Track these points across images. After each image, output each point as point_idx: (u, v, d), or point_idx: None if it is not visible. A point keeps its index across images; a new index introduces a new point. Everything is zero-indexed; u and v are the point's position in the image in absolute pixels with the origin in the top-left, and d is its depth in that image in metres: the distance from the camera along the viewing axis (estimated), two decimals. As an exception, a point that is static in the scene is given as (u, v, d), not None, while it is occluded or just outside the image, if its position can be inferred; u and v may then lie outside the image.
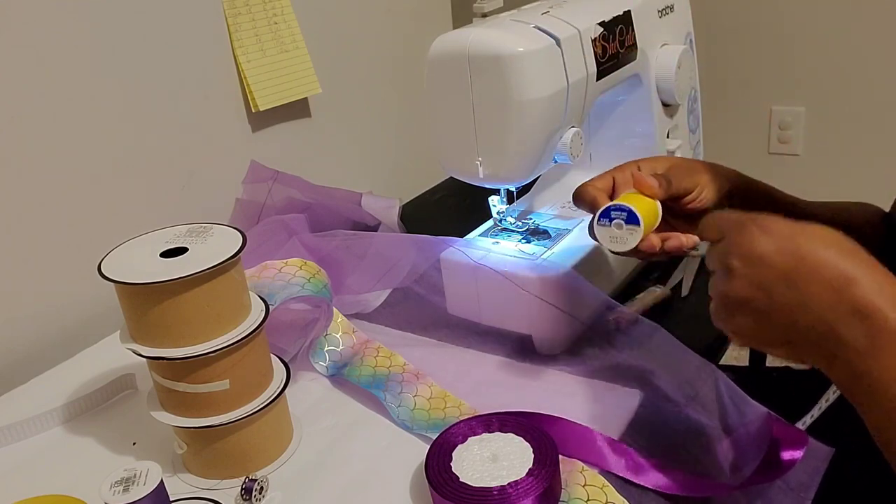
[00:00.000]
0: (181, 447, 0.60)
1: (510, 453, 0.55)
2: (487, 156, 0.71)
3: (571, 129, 0.73)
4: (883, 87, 1.67)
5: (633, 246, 0.58)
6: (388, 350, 0.74)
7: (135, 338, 0.57)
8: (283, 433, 0.64)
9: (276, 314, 0.66)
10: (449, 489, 0.52)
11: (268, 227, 0.88)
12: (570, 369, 0.70)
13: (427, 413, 0.65)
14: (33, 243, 0.85)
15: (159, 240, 0.58)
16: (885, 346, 0.43)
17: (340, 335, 0.75)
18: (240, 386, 0.58)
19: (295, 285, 0.67)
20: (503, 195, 0.78)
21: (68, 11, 0.84)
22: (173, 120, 0.97)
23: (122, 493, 0.49)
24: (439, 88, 0.71)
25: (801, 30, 1.70)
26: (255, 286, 0.65)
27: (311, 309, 0.73)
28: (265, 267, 0.68)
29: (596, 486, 0.54)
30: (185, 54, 0.97)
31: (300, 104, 1.14)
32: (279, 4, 1.07)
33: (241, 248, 0.56)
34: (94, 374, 0.75)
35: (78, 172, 0.87)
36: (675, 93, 0.85)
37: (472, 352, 0.75)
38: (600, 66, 0.74)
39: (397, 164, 1.36)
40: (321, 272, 0.71)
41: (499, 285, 0.71)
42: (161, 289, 0.53)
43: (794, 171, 1.81)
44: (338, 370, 0.72)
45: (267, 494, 0.58)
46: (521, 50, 0.66)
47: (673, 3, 0.88)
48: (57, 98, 0.84)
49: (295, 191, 1.00)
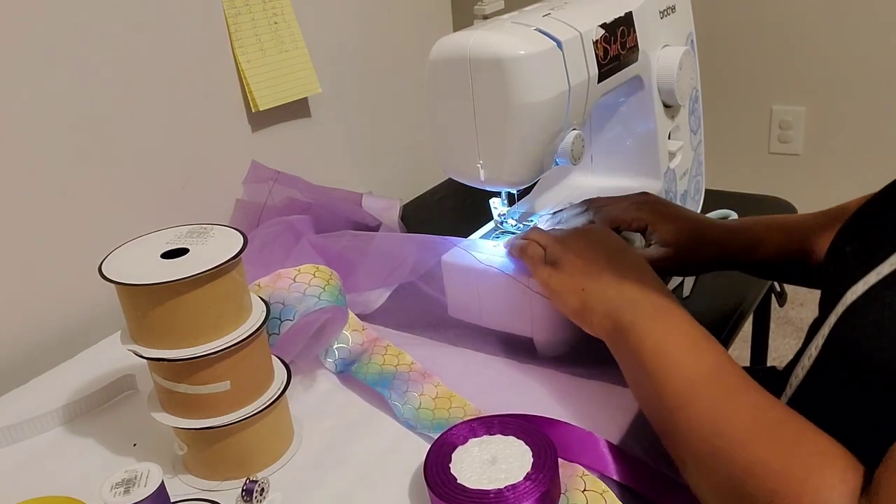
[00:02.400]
0: (182, 448, 0.60)
1: (509, 456, 0.55)
2: (488, 159, 0.71)
3: (573, 132, 0.73)
4: (883, 87, 1.67)
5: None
6: (396, 349, 0.74)
7: (135, 339, 0.57)
8: (284, 434, 0.64)
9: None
10: (446, 490, 0.52)
11: (272, 228, 0.88)
12: (571, 371, 0.70)
13: (431, 413, 0.65)
14: (34, 244, 0.85)
15: (160, 240, 0.58)
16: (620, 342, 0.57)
17: (350, 332, 0.75)
18: (240, 387, 0.58)
19: (311, 297, 0.67)
20: (504, 197, 0.78)
21: (68, 11, 0.84)
22: (173, 120, 0.97)
23: (122, 495, 0.49)
24: (440, 91, 0.71)
25: (801, 30, 1.70)
26: (270, 297, 0.65)
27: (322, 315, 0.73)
28: (279, 276, 0.68)
29: (596, 492, 0.54)
30: (185, 54, 0.97)
31: (300, 104, 1.14)
32: (279, 4, 1.07)
33: (242, 249, 0.56)
34: (95, 374, 0.75)
35: (78, 172, 0.87)
36: (677, 94, 0.85)
37: (473, 353, 0.75)
38: (602, 68, 0.74)
39: (397, 164, 1.36)
40: (334, 276, 0.71)
41: (500, 287, 0.71)
42: (162, 290, 0.53)
43: (794, 170, 1.81)
44: (346, 367, 0.72)
45: (268, 496, 0.58)
46: (523, 53, 0.66)
47: (674, 4, 0.88)
48: (57, 98, 0.84)
49: (295, 191, 1.00)
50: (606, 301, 0.59)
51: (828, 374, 0.51)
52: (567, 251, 0.64)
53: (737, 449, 0.45)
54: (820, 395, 0.52)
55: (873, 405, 0.44)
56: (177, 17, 0.95)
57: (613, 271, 0.61)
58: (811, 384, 0.53)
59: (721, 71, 1.78)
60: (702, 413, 0.49)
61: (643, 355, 0.55)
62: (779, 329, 1.88)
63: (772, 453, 0.44)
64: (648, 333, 0.55)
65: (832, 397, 0.50)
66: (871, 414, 0.45)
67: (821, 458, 0.43)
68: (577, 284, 0.62)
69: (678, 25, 0.89)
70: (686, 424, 0.49)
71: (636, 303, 0.58)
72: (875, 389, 0.44)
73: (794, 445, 0.44)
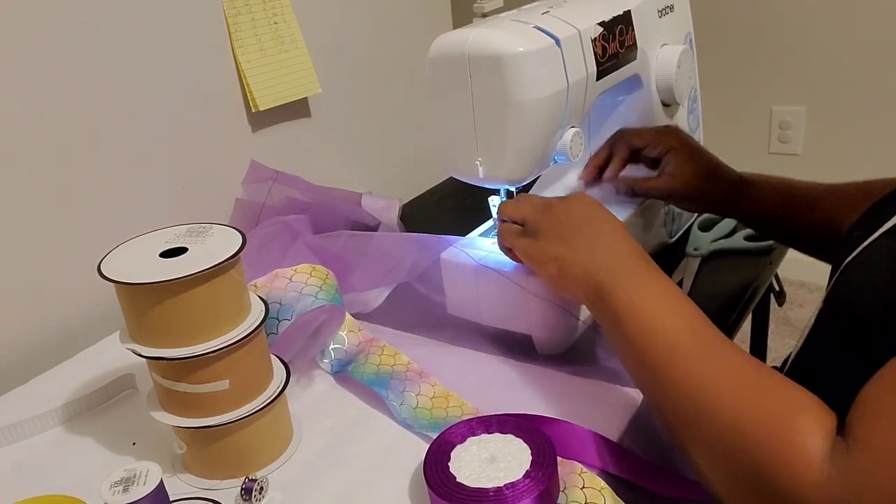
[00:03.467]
0: (181, 447, 0.60)
1: (508, 455, 0.55)
2: (487, 156, 0.71)
3: (571, 129, 0.73)
4: (883, 87, 1.67)
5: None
6: (392, 349, 0.74)
7: (135, 338, 0.57)
8: (283, 433, 0.64)
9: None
10: (445, 489, 0.52)
11: (270, 228, 0.88)
12: (569, 369, 0.70)
13: (429, 412, 0.65)
14: (33, 243, 0.85)
15: (159, 240, 0.58)
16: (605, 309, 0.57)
17: (346, 333, 0.75)
18: (240, 386, 0.58)
19: (308, 296, 0.67)
20: (503, 195, 0.78)
21: (68, 11, 0.84)
22: (173, 120, 0.97)
23: (121, 494, 0.49)
24: (439, 89, 0.71)
25: (801, 30, 1.70)
26: (267, 296, 0.65)
27: (320, 314, 0.73)
28: (276, 276, 0.68)
29: (594, 489, 0.54)
30: (185, 54, 0.97)
31: (300, 104, 1.14)
32: (279, 4, 1.07)
33: (241, 248, 0.56)
34: (94, 374, 0.75)
35: (78, 172, 0.88)
36: (676, 92, 0.85)
37: (472, 352, 0.75)
38: (600, 66, 0.74)
39: (397, 164, 1.37)
40: (330, 276, 0.71)
41: (499, 285, 0.71)
42: (161, 289, 0.53)
43: (794, 170, 1.80)
44: (342, 367, 0.73)
45: (267, 494, 0.58)
46: (521, 50, 0.66)
47: (673, 3, 0.88)
48: (56, 97, 0.84)
49: (295, 191, 1.00)
50: (581, 266, 0.60)
51: (825, 332, 0.54)
52: (543, 220, 0.64)
53: (719, 406, 0.48)
54: (819, 357, 0.55)
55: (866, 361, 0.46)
56: (177, 17, 0.95)
57: (589, 237, 0.61)
58: (810, 348, 0.55)
59: (721, 71, 1.78)
60: (683, 372, 0.51)
61: (621, 318, 0.56)
62: (778, 329, 1.88)
63: (752, 408, 0.46)
64: (623, 296, 0.56)
65: (830, 355, 0.53)
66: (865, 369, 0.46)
67: (796, 406, 0.46)
68: (553, 251, 0.62)
69: (677, 24, 0.89)
70: (670, 384, 0.51)
71: (610, 267, 0.58)
72: (863, 339, 0.47)
73: (771, 398, 0.47)
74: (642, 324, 0.54)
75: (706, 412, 0.48)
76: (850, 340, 0.50)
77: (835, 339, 0.52)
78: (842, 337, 0.51)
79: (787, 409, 0.46)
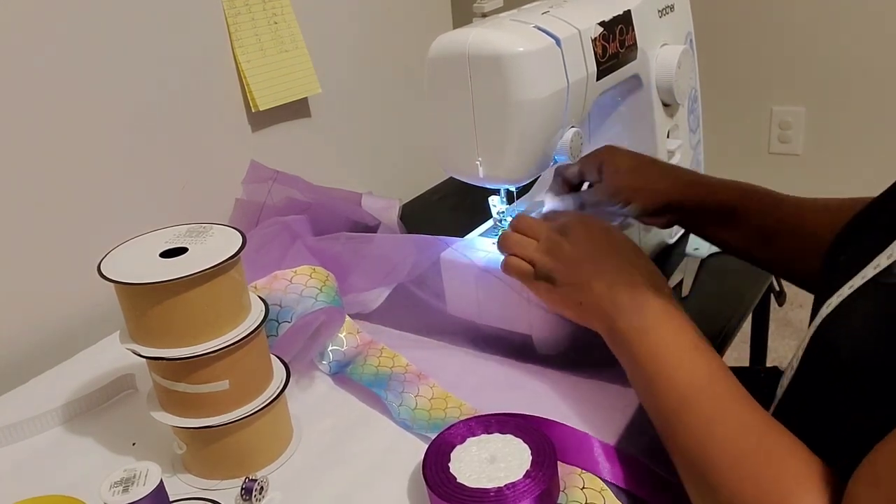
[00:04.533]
0: (181, 447, 0.60)
1: (508, 455, 0.55)
2: (487, 156, 0.71)
3: (571, 129, 0.73)
4: (883, 87, 1.67)
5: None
6: (391, 351, 0.74)
7: (134, 338, 0.57)
8: (283, 433, 0.64)
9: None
10: (446, 489, 0.52)
11: (270, 228, 0.88)
12: (569, 369, 0.70)
13: (428, 413, 0.65)
14: (33, 243, 0.85)
15: (159, 240, 0.58)
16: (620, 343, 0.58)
17: (345, 335, 0.75)
18: (239, 386, 0.58)
19: (308, 297, 0.67)
20: (503, 195, 0.78)
21: (68, 11, 0.84)
22: (173, 120, 0.97)
23: (121, 494, 0.49)
24: (439, 88, 0.71)
25: (801, 30, 1.70)
26: (267, 297, 0.65)
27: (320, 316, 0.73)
28: (275, 277, 0.68)
29: (594, 490, 0.54)
30: (185, 54, 0.97)
31: (300, 104, 1.14)
32: (279, 4, 1.07)
33: (241, 249, 0.56)
34: (94, 374, 0.75)
35: (77, 172, 0.88)
36: (676, 93, 0.85)
37: (472, 352, 0.75)
38: (600, 66, 0.74)
39: (397, 164, 1.36)
40: (330, 277, 0.71)
41: (498, 286, 0.71)
42: (161, 289, 0.53)
43: (794, 171, 1.81)
44: (340, 368, 0.73)
45: (267, 494, 0.58)
46: (521, 50, 0.66)
47: (673, 3, 0.88)
48: (56, 97, 0.84)
49: (295, 191, 1.00)
50: (602, 310, 0.60)
51: (809, 378, 0.52)
52: (556, 262, 0.63)
53: (720, 478, 0.47)
54: (805, 399, 0.53)
55: (851, 407, 0.46)
56: (177, 17, 0.95)
57: (607, 279, 0.60)
58: (796, 388, 0.54)
59: (720, 71, 1.78)
60: (690, 434, 0.51)
61: (639, 361, 0.56)
62: (778, 330, 1.88)
63: (752, 487, 0.46)
64: (643, 342, 0.56)
65: (815, 401, 0.51)
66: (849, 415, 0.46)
67: (796, 482, 0.45)
68: (574, 298, 0.62)
69: (677, 24, 0.89)
70: (681, 436, 0.51)
71: (631, 311, 0.58)
72: (850, 393, 0.46)
73: (771, 471, 0.46)
74: (660, 370, 0.54)
75: (707, 482, 0.48)
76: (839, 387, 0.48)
77: (822, 384, 0.51)
78: (830, 382, 0.49)
79: (785, 486, 0.45)
